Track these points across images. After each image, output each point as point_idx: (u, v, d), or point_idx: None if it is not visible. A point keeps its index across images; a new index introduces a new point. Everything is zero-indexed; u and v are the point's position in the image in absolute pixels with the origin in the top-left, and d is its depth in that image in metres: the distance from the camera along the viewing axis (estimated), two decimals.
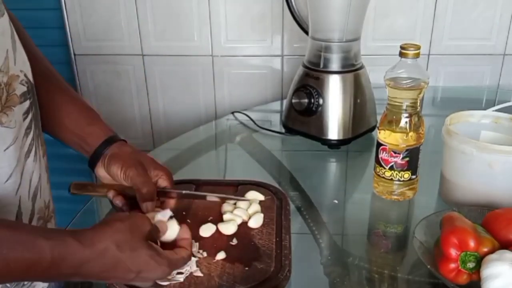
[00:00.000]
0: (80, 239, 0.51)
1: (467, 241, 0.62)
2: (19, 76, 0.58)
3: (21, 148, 0.59)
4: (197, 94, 1.50)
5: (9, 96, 0.56)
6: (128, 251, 0.53)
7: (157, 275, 0.57)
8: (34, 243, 0.48)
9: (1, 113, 0.54)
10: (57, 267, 0.49)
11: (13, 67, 0.57)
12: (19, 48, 0.61)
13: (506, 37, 1.40)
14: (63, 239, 0.50)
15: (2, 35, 0.56)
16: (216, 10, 1.39)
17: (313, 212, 0.85)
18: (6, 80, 0.55)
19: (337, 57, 1.05)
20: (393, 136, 0.81)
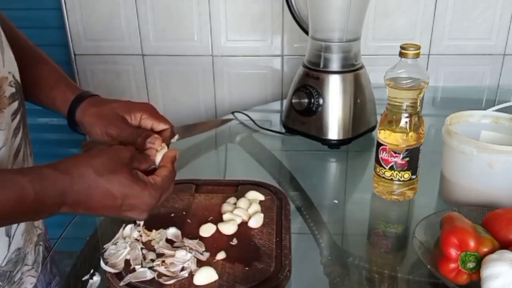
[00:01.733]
0: (56, 167, 0.50)
1: (467, 241, 0.62)
2: (8, 78, 0.58)
3: (10, 148, 0.58)
4: (197, 94, 1.50)
5: (0, 98, 0.55)
6: (106, 174, 0.52)
7: (145, 200, 0.55)
8: (14, 181, 0.47)
9: None
10: (41, 200, 0.49)
11: (2, 69, 0.56)
12: (7, 49, 0.59)
13: (506, 37, 1.40)
14: (40, 172, 0.49)
15: None
16: (216, 10, 1.39)
17: (313, 212, 0.85)
18: None
19: (337, 57, 1.05)
20: (393, 136, 0.81)
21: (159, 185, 0.56)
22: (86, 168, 0.51)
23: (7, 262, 0.61)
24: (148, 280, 0.63)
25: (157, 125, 0.66)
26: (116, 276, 0.63)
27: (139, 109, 0.66)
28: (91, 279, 0.66)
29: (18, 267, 0.65)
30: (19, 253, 0.63)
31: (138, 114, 0.65)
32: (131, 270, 0.64)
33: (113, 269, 0.64)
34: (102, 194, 0.52)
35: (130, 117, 0.65)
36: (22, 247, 0.64)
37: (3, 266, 0.61)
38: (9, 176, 0.48)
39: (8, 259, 0.61)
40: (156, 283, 0.62)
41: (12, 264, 0.63)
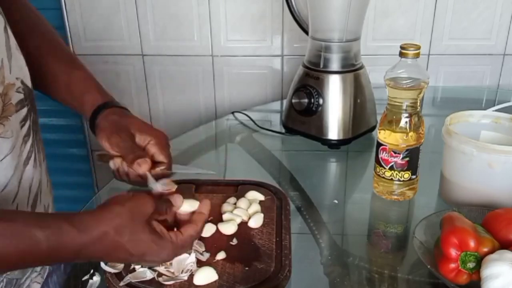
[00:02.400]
0: (76, 225, 0.49)
1: (467, 241, 0.62)
2: (15, 84, 0.57)
3: (19, 156, 0.58)
4: (197, 94, 1.50)
5: (5, 106, 0.55)
6: (127, 235, 0.51)
7: (162, 258, 0.56)
8: (29, 233, 0.47)
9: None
10: (54, 255, 0.49)
11: (9, 75, 0.56)
12: (15, 55, 0.59)
13: (506, 37, 1.40)
14: (59, 227, 0.49)
15: None
16: (216, 10, 1.39)
17: (313, 212, 0.85)
18: (1, 90, 0.54)
19: (337, 57, 1.05)
20: (393, 136, 0.81)
21: (180, 244, 0.56)
22: (107, 229, 0.51)
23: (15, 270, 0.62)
24: (148, 280, 0.63)
25: (158, 155, 0.66)
26: (116, 276, 0.63)
27: (151, 134, 0.66)
28: (91, 279, 0.66)
29: (27, 274, 0.65)
30: None
31: (148, 137, 0.66)
32: (131, 270, 0.64)
33: (113, 269, 0.64)
34: (121, 252, 0.52)
35: (140, 137, 0.65)
36: None
37: (8, 274, 0.61)
38: (24, 228, 0.47)
39: None
40: (156, 283, 0.62)
41: (20, 271, 0.63)
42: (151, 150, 0.65)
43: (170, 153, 0.67)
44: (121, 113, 0.68)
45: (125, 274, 0.63)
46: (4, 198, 0.56)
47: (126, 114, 0.68)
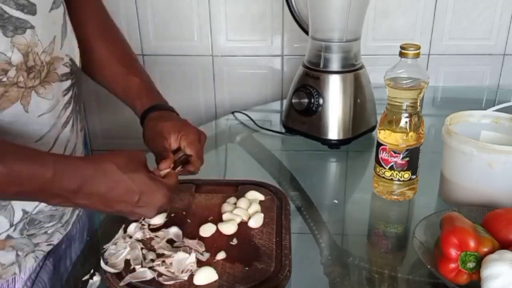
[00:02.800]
0: (83, 158, 0.57)
1: (467, 241, 0.62)
2: (63, 58, 0.66)
3: (58, 118, 0.65)
4: (197, 94, 1.50)
5: (50, 73, 0.62)
6: (129, 171, 0.59)
7: (160, 198, 0.62)
8: (37, 156, 0.54)
9: (39, 85, 0.61)
10: (59, 180, 0.54)
11: (59, 50, 0.64)
12: (70, 37, 0.68)
13: (506, 37, 1.40)
14: (67, 157, 0.56)
15: (54, 23, 0.64)
16: (216, 10, 1.39)
17: (313, 212, 0.85)
18: (48, 59, 0.62)
19: (337, 57, 1.05)
20: (393, 136, 0.81)
21: (173, 186, 0.64)
22: (110, 165, 0.58)
23: (38, 212, 0.66)
24: (148, 280, 0.63)
25: (187, 149, 0.74)
26: (116, 276, 0.63)
27: (181, 130, 0.74)
28: (91, 279, 0.66)
29: (54, 222, 0.70)
30: (56, 210, 0.69)
31: (178, 134, 0.74)
32: (131, 270, 0.64)
33: (113, 269, 0.64)
34: (123, 189, 0.58)
35: (172, 137, 0.73)
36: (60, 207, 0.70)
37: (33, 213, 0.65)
38: (36, 151, 0.55)
39: (39, 210, 0.66)
40: (156, 283, 0.62)
41: (46, 216, 0.67)
42: (182, 145, 0.74)
43: (199, 147, 0.75)
44: (159, 117, 0.76)
45: (125, 274, 0.63)
46: (40, 148, 0.62)
47: (162, 118, 0.76)
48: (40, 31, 0.60)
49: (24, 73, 0.58)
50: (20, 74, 0.58)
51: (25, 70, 0.58)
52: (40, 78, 0.61)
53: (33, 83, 0.60)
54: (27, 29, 0.58)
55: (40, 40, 0.60)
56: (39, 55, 0.60)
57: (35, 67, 0.60)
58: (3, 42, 0.55)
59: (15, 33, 0.56)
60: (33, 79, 0.60)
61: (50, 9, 0.63)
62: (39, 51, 0.60)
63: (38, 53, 0.60)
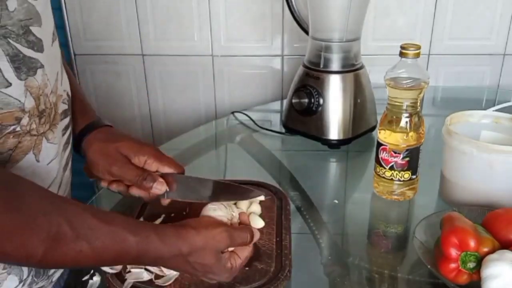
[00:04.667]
0: (161, 237, 0.54)
1: (467, 241, 0.62)
2: (62, 95, 0.62)
3: (60, 161, 0.62)
4: (197, 94, 1.50)
5: (55, 115, 0.59)
6: (197, 258, 0.56)
7: (221, 278, 0.60)
8: (124, 237, 0.52)
9: (49, 130, 0.57)
10: (139, 259, 0.54)
11: (60, 87, 0.61)
12: (64, 68, 0.64)
13: (506, 37, 1.40)
14: (148, 236, 0.53)
15: (55, 58, 0.59)
16: (216, 10, 1.39)
17: (313, 212, 0.85)
18: (54, 100, 0.59)
19: (337, 57, 1.05)
20: (393, 136, 0.81)
21: (239, 267, 0.61)
22: (183, 248, 0.55)
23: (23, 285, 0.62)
24: (148, 280, 0.63)
25: (162, 168, 0.68)
26: (117, 276, 0.63)
27: (144, 153, 0.67)
28: (91, 279, 0.66)
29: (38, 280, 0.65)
30: None
31: (143, 157, 0.67)
32: (128, 271, 0.64)
33: (111, 270, 0.64)
34: (188, 270, 0.58)
35: (135, 159, 0.67)
36: None
37: None
38: (121, 232, 0.51)
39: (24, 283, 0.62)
40: (156, 284, 0.62)
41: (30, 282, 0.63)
42: (153, 167, 0.68)
43: (169, 158, 0.69)
44: (105, 137, 0.69)
45: (125, 274, 0.63)
46: None
47: (109, 138, 0.69)
48: (48, 69, 0.56)
49: (36, 119, 0.55)
50: (33, 120, 0.54)
51: (37, 116, 0.55)
52: (50, 122, 0.57)
53: (44, 129, 0.56)
54: (38, 69, 0.54)
55: (49, 79, 0.57)
56: (48, 96, 0.56)
57: (46, 110, 0.56)
58: (17, 86, 0.51)
59: (27, 75, 0.52)
60: (44, 124, 0.56)
61: (52, 42, 0.58)
62: (48, 92, 0.56)
63: (48, 95, 0.56)
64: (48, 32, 0.58)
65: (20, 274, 0.59)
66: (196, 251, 0.56)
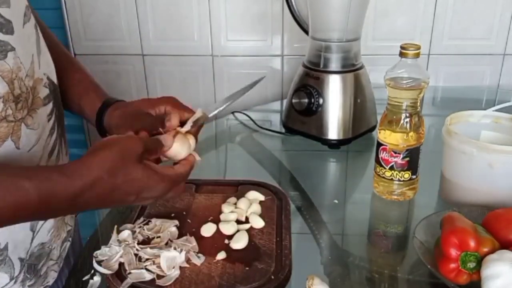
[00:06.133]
0: (67, 173, 0.48)
1: (467, 241, 0.62)
2: (43, 79, 0.59)
3: (44, 147, 0.59)
4: (197, 94, 1.50)
5: (34, 99, 0.57)
6: (121, 176, 0.51)
7: (158, 192, 0.56)
8: (16, 185, 0.46)
9: (27, 115, 0.55)
10: (47, 206, 0.48)
11: (38, 70, 0.58)
12: (43, 51, 0.62)
13: (506, 37, 1.40)
14: (48, 176, 0.48)
15: (28, 40, 0.57)
16: (216, 10, 1.39)
17: (313, 212, 0.85)
18: (31, 84, 0.56)
19: (337, 57, 1.05)
20: (393, 136, 0.81)
21: (173, 178, 0.57)
22: (100, 173, 0.50)
23: (30, 256, 0.62)
24: (148, 280, 0.63)
25: (182, 115, 0.66)
26: (117, 276, 0.63)
27: (163, 103, 0.66)
28: (91, 279, 0.66)
29: (43, 261, 0.65)
30: (42, 248, 0.64)
31: (162, 107, 0.66)
32: (128, 272, 0.64)
33: (108, 270, 0.64)
34: (118, 194, 0.52)
35: (155, 110, 0.66)
36: (48, 242, 0.65)
37: (27, 259, 0.62)
38: (12, 179, 0.47)
39: (30, 253, 0.62)
40: (156, 284, 0.62)
41: (35, 257, 0.63)
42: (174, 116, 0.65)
43: (189, 107, 0.68)
44: (122, 104, 0.69)
45: (125, 274, 0.63)
46: None
47: (127, 103, 0.69)
48: (20, 51, 0.53)
49: (12, 104, 0.52)
50: (8, 106, 0.52)
51: (12, 101, 0.52)
52: (28, 107, 0.55)
53: (22, 114, 0.54)
54: (8, 52, 0.51)
55: (22, 63, 0.54)
56: (23, 80, 0.54)
57: (22, 95, 0.54)
58: None
59: None
60: (21, 109, 0.54)
61: (23, 24, 0.56)
62: (23, 76, 0.54)
63: (22, 78, 0.54)
64: (19, 13, 0.56)
65: (10, 271, 0.58)
66: (115, 167, 0.50)
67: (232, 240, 0.70)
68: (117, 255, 0.66)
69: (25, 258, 0.61)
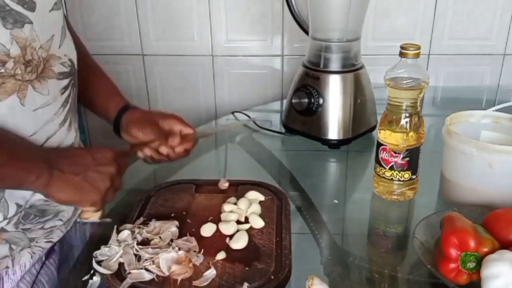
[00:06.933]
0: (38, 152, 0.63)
1: (467, 241, 0.62)
2: (61, 58, 0.68)
3: (55, 115, 0.67)
4: (197, 94, 1.50)
5: (45, 69, 0.64)
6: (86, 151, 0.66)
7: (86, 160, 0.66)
8: None
9: (35, 80, 0.63)
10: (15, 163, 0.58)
11: (57, 49, 0.66)
12: (69, 39, 0.72)
13: (506, 37, 1.40)
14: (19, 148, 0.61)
15: (53, 23, 0.66)
16: (216, 10, 1.39)
17: (313, 212, 0.85)
18: (45, 56, 0.64)
19: (337, 57, 1.05)
20: (393, 136, 0.81)
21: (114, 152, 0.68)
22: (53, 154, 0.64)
23: (30, 206, 0.67)
24: (148, 280, 0.63)
25: (184, 129, 0.82)
26: (117, 276, 0.63)
27: (172, 117, 0.83)
28: (91, 279, 0.66)
29: (48, 217, 0.70)
30: (47, 205, 0.68)
31: (171, 120, 0.82)
32: (128, 272, 0.64)
33: (108, 270, 0.64)
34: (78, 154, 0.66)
35: (165, 122, 0.82)
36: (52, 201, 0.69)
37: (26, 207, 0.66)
38: None
39: (30, 204, 0.66)
40: (156, 284, 0.62)
41: (38, 210, 0.68)
42: (177, 128, 0.81)
43: (190, 124, 0.83)
44: (142, 110, 0.84)
45: (124, 274, 0.63)
46: None
47: (145, 110, 0.85)
48: (38, 27, 0.62)
49: (22, 66, 0.60)
50: (18, 66, 0.59)
51: (22, 63, 0.60)
52: (37, 73, 0.63)
53: (30, 77, 0.62)
54: (26, 23, 0.60)
55: (38, 36, 0.62)
56: (36, 50, 0.62)
57: (33, 61, 0.61)
58: (3, 33, 0.57)
59: (14, 25, 0.58)
60: (30, 73, 0.62)
61: (51, 9, 0.65)
62: (37, 47, 0.62)
63: (35, 48, 0.62)
64: (47, 0, 0.65)
65: (4, 211, 0.64)
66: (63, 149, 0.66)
67: (232, 240, 0.70)
68: (116, 255, 0.66)
69: (23, 205, 0.66)
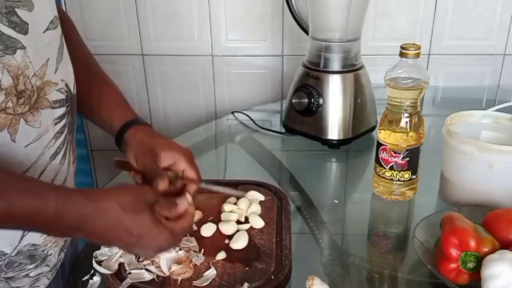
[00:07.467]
0: (86, 194, 0.53)
1: (467, 241, 0.62)
2: (58, 84, 0.62)
3: (46, 148, 0.61)
4: (197, 94, 1.50)
5: (39, 98, 0.58)
6: (131, 212, 0.55)
7: (159, 243, 0.58)
8: (40, 191, 0.51)
9: (28, 112, 0.57)
10: (60, 218, 0.51)
11: (52, 74, 0.60)
12: (66, 60, 0.65)
13: (506, 37, 1.40)
14: (69, 193, 0.53)
15: (48, 45, 0.60)
16: (216, 10, 1.39)
17: (313, 212, 0.85)
18: (39, 84, 0.58)
19: (337, 57, 1.05)
20: (393, 136, 0.81)
21: (176, 232, 0.59)
22: (113, 204, 0.54)
23: (17, 253, 0.62)
24: (148, 280, 0.63)
25: (188, 171, 0.68)
26: (117, 276, 0.63)
27: (178, 151, 0.69)
28: (91, 279, 0.66)
29: (36, 263, 0.65)
30: (35, 249, 0.64)
31: (176, 154, 0.68)
32: (128, 272, 0.64)
33: (108, 270, 0.64)
34: (121, 229, 0.55)
35: (166, 155, 0.68)
36: (41, 246, 0.64)
37: (12, 255, 0.61)
38: (38, 186, 0.52)
39: (18, 250, 0.62)
40: (156, 284, 0.62)
41: (25, 257, 0.63)
42: (181, 166, 0.68)
43: (197, 168, 0.69)
44: (148, 131, 0.72)
45: (124, 274, 0.63)
46: None
47: (152, 133, 0.72)
48: (32, 52, 0.56)
49: (14, 98, 0.54)
50: (9, 99, 0.54)
51: (14, 95, 0.54)
52: (30, 104, 0.57)
53: (23, 110, 0.56)
54: (18, 49, 0.54)
55: (32, 62, 0.56)
56: (30, 78, 0.56)
57: (25, 91, 0.56)
58: None
59: (5, 52, 0.52)
60: (23, 105, 0.56)
61: (45, 29, 0.59)
62: (30, 74, 0.56)
63: (29, 76, 0.56)
64: (43, 20, 0.59)
65: None
66: (128, 203, 0.55)
67: (232, 240, 0.70)
68: (116, 255, 0.66)
69: (8, 254, 0.61)
